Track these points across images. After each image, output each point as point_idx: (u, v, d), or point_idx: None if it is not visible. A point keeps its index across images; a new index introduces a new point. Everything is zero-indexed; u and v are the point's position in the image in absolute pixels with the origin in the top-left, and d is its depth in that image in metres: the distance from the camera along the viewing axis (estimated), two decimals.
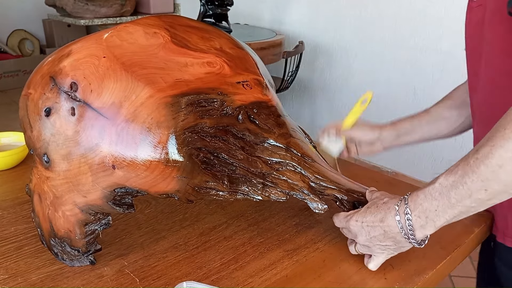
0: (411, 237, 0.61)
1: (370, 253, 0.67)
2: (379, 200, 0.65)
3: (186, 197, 0.63)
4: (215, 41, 0.70)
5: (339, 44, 2.85)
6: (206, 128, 0.62)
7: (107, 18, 3.53)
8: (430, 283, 0.68)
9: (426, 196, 0.59)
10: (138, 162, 0.58)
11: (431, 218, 0.59)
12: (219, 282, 0.64)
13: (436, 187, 0.59)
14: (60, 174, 0.60)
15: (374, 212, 0.64)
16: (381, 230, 0.63)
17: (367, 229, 0.64)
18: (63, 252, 0.66)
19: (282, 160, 0.67)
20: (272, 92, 0.73)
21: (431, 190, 0.59)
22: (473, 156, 0.55)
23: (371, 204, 0.66)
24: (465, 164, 0.56)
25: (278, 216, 0.81)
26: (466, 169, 0.56)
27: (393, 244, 0.64)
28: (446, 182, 0.57)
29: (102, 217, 0.64)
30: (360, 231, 0.65)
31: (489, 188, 0.54)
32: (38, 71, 0.64)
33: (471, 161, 0.55)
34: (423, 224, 0.60)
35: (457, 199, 0.57)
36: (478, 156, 0.55)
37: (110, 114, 0.58)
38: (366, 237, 0.65)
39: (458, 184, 0.56)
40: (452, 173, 0.57)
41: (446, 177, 0.58)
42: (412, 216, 0.60)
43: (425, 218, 0.59)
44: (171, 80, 0.61)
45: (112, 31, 0.64)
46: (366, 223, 0.64)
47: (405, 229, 0.61)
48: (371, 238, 0.64)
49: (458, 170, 0.57)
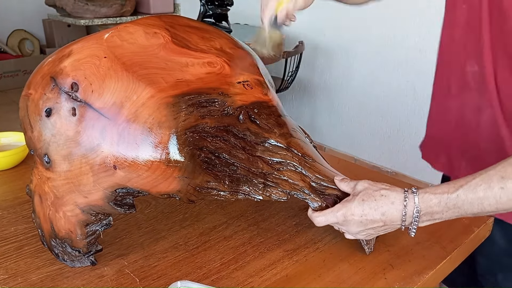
0: (412, 229, 0.64)
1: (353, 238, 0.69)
2: (374, 192, 0.65)
3: (187, 197, 0.63)
4: (215, 41, 0.70)
5: (339, 44, 2.85)
6: (207, 128, 0.62)
7: (107, 18, 3.52)
8: (430, 283, 0.68)
9: (440, 203, 0.62)
10: (139, 162, 0.58)
11: (436, 218, 0.63)
12: (219, 282, 0.65)
13: (452, 198, 0.61)
14: (61, 175, 0.60)
15: (374, 206, 0.64)
16: (381, 223, 0.64)
17: (366, 222, 0.64)
18: (64, 253, 0.66)
19: (283, 160, 0.67)
20: (272, 92, 0.73)
21: (447, 200, 0.61)
22: (499, 183, 0.58)
23: (365, 196, 0.65)
24: (487, 187, 0.59)
25: (278, 216, 0.81)
26: (487, 194, 0.59)
27: (383, 230, 0.66)
28: (464, 197, 0.60)
29: (103, 217, 0.64)
30: (358, 225, 0.65)
31: (500, 209, 0.60)
32: (38, 72, 0.64)
33: (495, 187, 0.59)
34: (426, 221, 0.64)
35: (467, 211, 0.61)
36: (504, 186, 0.58)
37: (111, 114, 0.58)
38: (361, 228, 0.65)
39: (474, 202, 0.60)
40: (473, 191, 0.60)
41: (465, 193, 0.60)
42: (420, 215, 0.62)
43: (430, 217, 0.63)
44: (172, 80, 0.61)
45: (112, 31, 0.64)
46: (365, 217, 0.64)
47: (407, 221, 0.63)
48: (367, 229, 0.65)
49: (480, 192, 0.59)
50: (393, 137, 2.65)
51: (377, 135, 2.74)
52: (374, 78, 2.68)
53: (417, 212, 0.62)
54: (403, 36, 2.50)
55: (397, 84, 2.57)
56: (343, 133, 2.95)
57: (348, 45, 2.80)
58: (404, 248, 0.73)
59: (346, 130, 2.92)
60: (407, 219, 0.63)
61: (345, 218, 0.65)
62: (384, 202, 0.64)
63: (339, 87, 2.91)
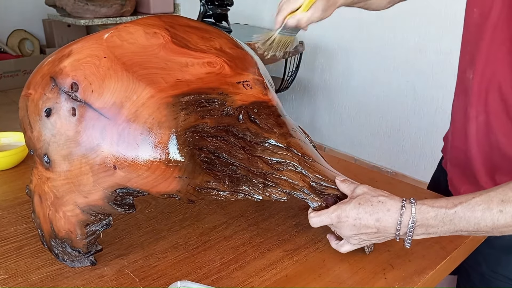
0: (407, 240, 0.63)
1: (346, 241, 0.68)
2: (372, 197, 0.65)
3: (187, 197, 0.63)
4: (215, 41, 0.70)
5: (339, 44, 2.85)
6: (207, 128, 0.62)
7: (107, 18, 3.52)
8: (430, 283, 0.68)
9: (437, 216, 0.61)
10: (139, 162, 0.58)
11: (431, 232, 0.63)
12: (219, 282, 0.65)
13: (450, 213, 0.61)
14: (61, 175, 0.60)
15: (369, 211, 0.63)
16: (375, 229, 0.64)
17: (359, 226, 0.64)
18: (64, 253, 0.66)
19: (282, 160, 0.67)
20: (272, 92, 0.73)
21: (444, 215, 0.61)
22: (498, 206, 0.59)
23: (362, 200, 0.64)
24: (486, 208, 0.59)
25: (278, 216, 0.81)
26: (485, 216, 0.59)
27: (376, 238, 0.66)
28: (462, 214, 0.60)
29: (103, 217, 0.64)
30: (351, 228, 0.65)
31: (495, 233, 0.61)
32: (38, 72, 0.64)
33: (494, 209, 0.59)
34: (421, 234, 0.63)
35: (462, 229, 0.61)
36: (503, 209, 0.59)
37: (111, 114, 0.58)
38: (354, 232, 0.65)
39: (471, 221, 0.60)
40: (471, 210, 0.60)
41: (463, 210, 0.60)
42: (415, 226, 0.62)
43: (425, 230, 0.62)
44: (172, 80, 0.61)
45: (112, 31, 0.64)
46: (360, 221, 0.64)
47: (402, 232, 0.63)
48: (360, 234, 0.65)
49: (478, 212, 0.60)
50: (393, 137, 2.65)
51: (377, 135, 2.74)
52: (374, 78, 2.68)
53: (412, 222, 0.61)
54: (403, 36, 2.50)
55: (397, 84, 2.57)
56: (343, 133, 2.95)
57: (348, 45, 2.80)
58: (404, 248, 0.72)
59: (346, 130, 2.92)
60: (402, 228, 0.62)
61: (339, 220, 0.65)
62: (380, 208, 0.63)
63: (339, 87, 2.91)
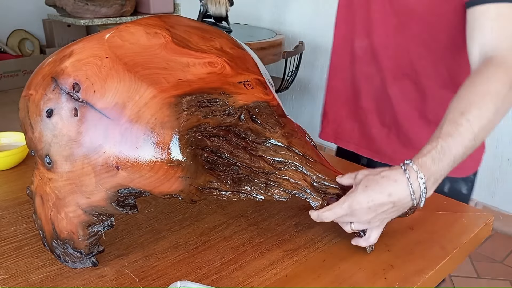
0: (422, 199, 0.65)
1: (366, 228, 0.68)
2: (375, 176, 0.65)
3: (189, 197, 0.63)
4: (215, 41, 0.70)
5: None
6: (209, 128, 0.63)
7: (107, 18, 3.53)
8: (430, 283, 0.68)
9: (434, 160, 0.64)
10: (142, 162, 0.58)
11: (438, 177, 0.66)
12: (219, 282, 0.65)
13: (439, 149, 0.65)
14: (63, 176, 0.60)
15: (378, 190, 0.63)
16: (390, 204, 0.64)
17: (374, 207, 0.64)
18: (66, 254, 0.66)
19: (284, 160, 0.67)
20: (273, 92, 0.73)
21: (436, 154, 0.65)
22: (461, 119, 0.67)
23: (367, 182, 0.64)
24: (457, 126, 0.66)
25: (278, 216, 0.81)
26: (463, 129, 0.66)
27: (395, 211, 0.66)
28: (446, 144, 0.65)
29: (105, 218, 0.64)
30: (367, 212, 0.64)
31: (478, 138, 0.68)
32: (39, 72, 0.64)
33: (463, 124, 0.66)
34: (431, 186, 0.65)
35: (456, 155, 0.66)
36: (468, 119, 0.66)
37: (114, 114, 0.58)
38: (372, 215, 0.65)
39: (458, 143, 0.66)
40: (450, 136, 0.66)
41: (444, 139, 0.66)
42: (426, 181, 0.64)
43: (433, 179, 0.65)
44: (173, 80, 0.61)
45: (113, 31, 0.64)
46: (373, 202, 0.63)
47: (417, 194, 0.64)
48: (378, 214, 0.65)
49: (454, 132, 0.66)
50: None
51: None
52: None
53: (421, 178, 0.63)
54: None
55: None
56: None
57: None
58: (404, 248, 0.73)
59: None
60: (416, 191, 0.63)
61: (352, 208, 0.64)
62: (387, 182, 0.63)
63: None
